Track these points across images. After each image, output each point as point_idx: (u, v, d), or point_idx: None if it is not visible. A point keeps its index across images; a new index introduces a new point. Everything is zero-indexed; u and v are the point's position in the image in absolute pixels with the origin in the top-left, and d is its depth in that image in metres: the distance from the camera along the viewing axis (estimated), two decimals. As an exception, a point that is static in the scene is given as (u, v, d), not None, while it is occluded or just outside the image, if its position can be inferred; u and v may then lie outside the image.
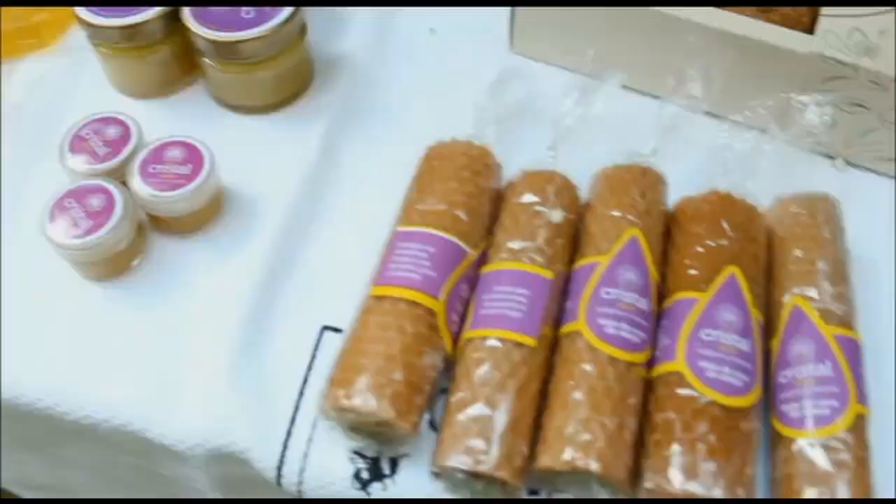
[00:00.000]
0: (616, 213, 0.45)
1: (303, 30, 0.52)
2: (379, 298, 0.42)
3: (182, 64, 0.54)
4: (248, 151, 0.51)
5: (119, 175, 0.48)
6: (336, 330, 0.45)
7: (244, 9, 0.50)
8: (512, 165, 0.48)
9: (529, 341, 0.41)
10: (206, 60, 0.51)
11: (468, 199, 0.45)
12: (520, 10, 0.53)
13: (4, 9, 0.57)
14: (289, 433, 0.43)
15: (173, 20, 0.51)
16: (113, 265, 0.47)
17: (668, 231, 0.46)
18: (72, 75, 0.56)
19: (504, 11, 0.57)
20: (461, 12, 0.58)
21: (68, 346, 0.46)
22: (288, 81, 0.53)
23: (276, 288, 0.47)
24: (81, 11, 0.51)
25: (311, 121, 0.53)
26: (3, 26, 0.56)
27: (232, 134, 0.52)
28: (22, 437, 0.50)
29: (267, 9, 0.50)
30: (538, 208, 0.45)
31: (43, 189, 0.51)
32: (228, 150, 0.49)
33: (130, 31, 0.51)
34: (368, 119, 0.53)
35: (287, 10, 0.50)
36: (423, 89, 0.55)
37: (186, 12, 0.50)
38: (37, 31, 0.56)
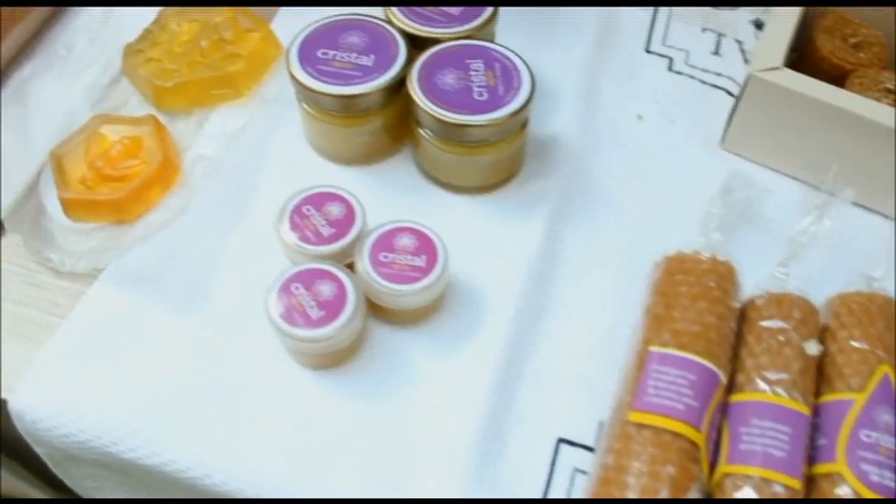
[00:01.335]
0: (863, 346, 0.44)
1: (527, 118, 0.50)
2: (639, 426, 0.41)
3: (391, 134, 0.52)
4: (462, 233, 0.49)
5: (341, 258, 0.46)
6: (572, 444, 0.44)
7: (476, 89, 0.48)
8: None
9: (794, 483, 0.40)
10: (427, 137, 0.49)
11: (719, 321, 0.43)
12: (742, 109, 0.52)
13: (198, 58, 0.54)
14: (530, 556, 0.41)
15: (393, 92, 0.49)
16: (335, 357, 0.45)
17: (907, 364, 0.45)
18: (269, 131, 0.54)
19: (711, 105, 0.56)
20: (668, 100, 0.56)
21: (279, 438, 0.43)
22: (504, 165, 0.51)
23: (504, 392, 0.45)
24: (298, 72, 0.49)
25: (526, 207, 0.51)
26: (196, 75, 0.53)
27: (442, 212, 0.50)
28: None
29: (500, 92, 0.48)
30: (788, 336, 0.43)
31: (251, 255, 0.49)
32: (439, 229, 0.47)
33: (348, 101, 0.48)
34: (584, 208, 0.52)
35: (521, 98, 0.47)
36: (635, 178, 0.53)
37: (415, 86, 0.48)
38: (232, 81, 0.54)
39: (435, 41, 0.50)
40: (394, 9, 0.51)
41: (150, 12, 0.58)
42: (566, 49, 0.57)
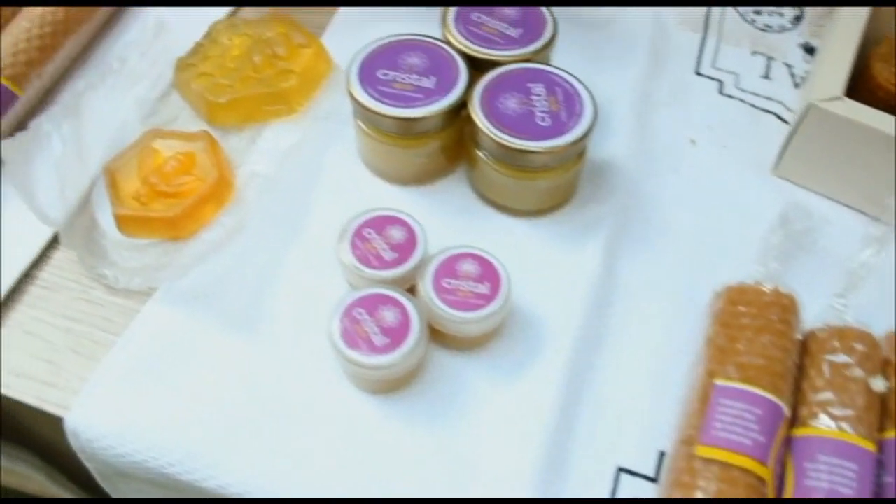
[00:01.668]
0: (924, 381, 0.44)
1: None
2: (706, 461, 0.40)
3: (447, 155, 0.51)
4: (518, 257, 0.48)
5: (401, 283, 0.45)
6: (632, 473, 0.44)
7: (539, 114, 0.48)
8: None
9: (862, 522, 0.40)
10: (485, 160, 0.49)
11: (783, 354, 0.43)
12: (799, 138, 0.52)
13: (250, 73, 0.54)
14: (594, 589, 0.41)
15: (454, 115, 0.49)
16: (395, 382, 0.44)
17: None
18: (322, 149, 0.54)
19: (762, 130, 0.56)
20: (719, 124, 0.56)
21: (337, 462, 0.43)
22: (561, 190, 0.51)
23: (564, 419, 0.45)
24: (359, 93, 0.48)
25: (582, 231, 0.51)
26: (250, 91, 0.53)
27: (496, 234, 0.50)
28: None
29: (562, 118, 0.48)
30: (852, 371, 0.43)
31: (307, 275, 0.49)
32: (494, 251, 0.46)
33: (408, 124, 0.48)
34: (640, 234, 0.51)
35: (584, 125, 0.47)
36: (689, 204, 0.53)
37: (478, 110, 0.48)
38: (285, 97, 0.53)
39: (494, 63, 0.50)
40: (452, 30, 0.51)
41: (201, 26, 0.57)
42: (619, 71, 0.57)
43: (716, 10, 0.62)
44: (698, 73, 0.59)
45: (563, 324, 0.47)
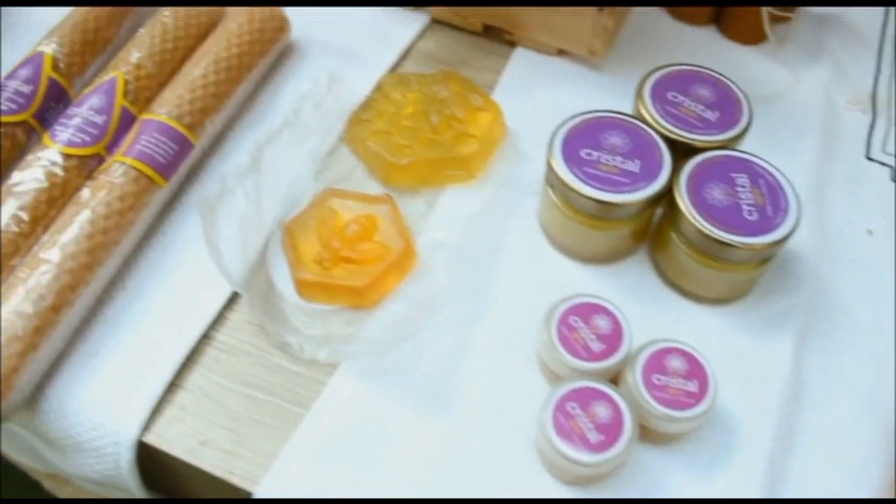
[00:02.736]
0: None
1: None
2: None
3: (635, 237, 0.50)
4: (706, 345, 0.46)
5: (605, 375, 0.45)
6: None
7: (746, 207, 0.47)
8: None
9: None
10: (681, 246, 0.48)
11: None
12: None
13: (429, 135, 0.52)
14: None
15: (654, 201, 0.48)
16: (598, 476, 0.44)
17: None
18: (503, 218, 0.53)
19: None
20: (894, 215, 0.56)
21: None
22: (750, 281, 0.50)
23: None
24: (564, 173, 0.47)
25: (768, 323, 0.50)
26: (430, 154, 0.52)
27: (684, 322, 0.49)
28: None
29: (768, 212, 0.47)
30: None
31: (496, 354, 0.48)
32: (683, 339, 0.46)
33: (611, 207, 0.47)
34: (825, 328, 0.50)
35: (790, 222, 0.46)
36: (870, 298, 0.52)
37: (685, 199, 0.47)
38: (466, 163, 0.52)
39: (691, 147, 0.49)
40: (650, 108, 0.50)
41: (368, 77, 0.56)
42: (793, 152, 0.56)
43: (882, 89, 0.61)
44: (869, 158, 0.58)
45: (757, 419, 0.46)
